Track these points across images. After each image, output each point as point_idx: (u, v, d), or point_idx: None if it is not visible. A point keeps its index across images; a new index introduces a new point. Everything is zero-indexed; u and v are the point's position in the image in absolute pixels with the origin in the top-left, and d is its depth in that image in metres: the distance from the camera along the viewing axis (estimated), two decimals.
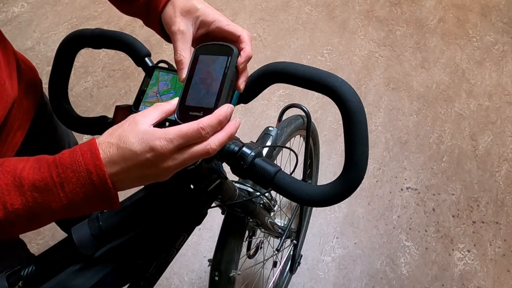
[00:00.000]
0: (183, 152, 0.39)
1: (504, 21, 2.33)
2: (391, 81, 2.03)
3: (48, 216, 0.38)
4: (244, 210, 0.79)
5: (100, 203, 0.39)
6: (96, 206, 0.39)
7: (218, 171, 0.61)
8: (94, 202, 0.38)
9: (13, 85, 0.60)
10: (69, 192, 0.37)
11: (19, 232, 0.39)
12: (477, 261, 1.52)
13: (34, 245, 1.45)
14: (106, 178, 0.37)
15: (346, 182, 0.45)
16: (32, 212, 0.37)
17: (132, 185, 0.41)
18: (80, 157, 0.37)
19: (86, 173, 0.37)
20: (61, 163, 0.37)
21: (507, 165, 1.78)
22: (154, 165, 0.39)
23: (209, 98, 0.43)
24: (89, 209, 0.40)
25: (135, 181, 0.40)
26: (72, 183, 0.37)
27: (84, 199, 0.38)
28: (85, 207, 0.39)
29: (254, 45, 2.11)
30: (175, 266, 1.44)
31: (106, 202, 0.39)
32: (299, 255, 1.29)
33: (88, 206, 0.39)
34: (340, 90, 0.44)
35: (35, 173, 0.37)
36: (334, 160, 1.75)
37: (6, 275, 0.46)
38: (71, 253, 0.49)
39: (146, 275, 0.60)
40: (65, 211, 0.38)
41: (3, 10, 2.18)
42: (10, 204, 0.36)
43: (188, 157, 0.40)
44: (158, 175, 0.40)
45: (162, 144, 0.38)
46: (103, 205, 0.40)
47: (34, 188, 0.36)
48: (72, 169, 0.37)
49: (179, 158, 0.39)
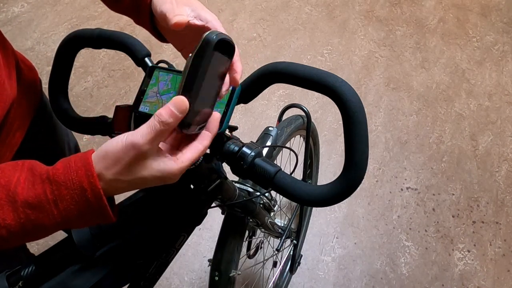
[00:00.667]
0: None
1: (504, 21, 2.33)
2: (391, 81, 2.03)
3: (41, 231, 0.37)
4: (244, 210, 0.79)
5: (95, 218, 0.38)
6: (91, 221, 0.39)
7: (218, 171, 0.61)
8: (89, 218, 0.38)
9: (12, 85, 0.59)
10: (63, 210, 0.36)
11: (10, 245, 0.38)
12: (477, 261, 1.52)
13: (34, 245, 1.45)
14: (101, 195, 0.36)
15: (346, 182, 0.45)
16: (24, 228, 0.36)
17: (127, 190, 0.40)
18: (74, 173, 0.36)
19: (80, 191, 0.36)
20: (55, 180, 0.36)
21: (507, 165, 1.78)
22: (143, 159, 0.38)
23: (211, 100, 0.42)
24: (83, 224, 0.39)
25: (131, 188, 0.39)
26: (66, 200, 0.36)
27: (78, 215, 0.37)
28: (79, 223, 0.38)
29: (254, 45, 2.11)
30: (175, 266, 1.44)
31: (101, 217, 0.38)
32: (299, 255, 1.29)
33: (82, 221, 0.38)
34: (340, 90, 0.44)
35: (29, 189, 0.36)
36: (334, 160, 1.75)
37: (6, 275, 0.46)
38: (71, 253, 0.49)
39: (146, 275, 0.60)
40: (58, 227, 0.37)
41: (3, 10, 2.18)
42: (2, 219, 0.35)
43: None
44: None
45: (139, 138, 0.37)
46: (98, 220, 0.39)
47: (27, 205, 0.35)
48: (66, 186, 0.36)
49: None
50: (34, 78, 0.71)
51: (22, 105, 0.64)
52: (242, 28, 2.19)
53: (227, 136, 0.52)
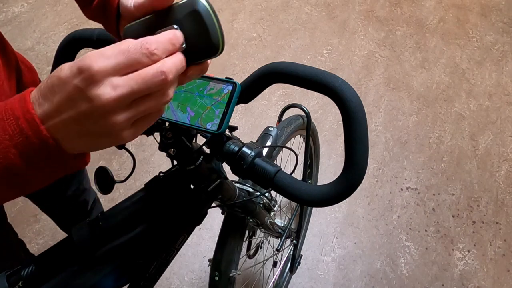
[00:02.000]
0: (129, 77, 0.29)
1: (504, 21, 2.33)
2: (391, 81, 2.03)
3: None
4: (244, 210, 0.79)
5: (45, 160, 0.30)
6: (43, 165, 0.31)
7: (218, 171, 0.61)
8: (36, 160, 0.30)
9: (12, 86, 0.59)
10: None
11: None
12: (477, 261, 1.52)
13: (34, 245, 1.45)
14: (37, 122, 0.29)
15: (346, 182, 0.45)
16: None
17: (76, 139, 0.30)
18: (8, 104, 0.30)
19: (13, 120, 0.29)
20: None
21: (507, 165, 1.78)
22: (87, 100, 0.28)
23: None
24: (35, 173, 0.31)
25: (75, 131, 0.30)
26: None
27: (21, 156, 0.29)
28: (30, 170, 0.30)
29: (254, 45, 2.11)
30: (175, 266, 1.44)
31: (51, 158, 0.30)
32: (299, 255, 1.29)
33: (32, 168, 0.30)
34: (340, 90, 0.44)
35: None
36: (334, 160, 1.75)
37: (6, 275, 0.46)
38: (71, 253, 0.49)
39: (146, 275, 0.60)
40: (3, 178, 0.30)
41: (3, 10, 2.18)
42: None
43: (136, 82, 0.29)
44: (104, 128, 0.30)
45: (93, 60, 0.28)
46: (51, 164, 0.31)
47: None
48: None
49: (123, 84, 0.28)
50: (34, 79, 0.71)
51: None
52: (242, 28, 2.19)
53: (227, 136, 0.52)
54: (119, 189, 1.49)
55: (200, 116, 0.47)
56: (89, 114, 0.29)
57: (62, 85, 0.28)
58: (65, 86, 0.28)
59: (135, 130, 0.32)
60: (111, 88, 0.28)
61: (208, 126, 0.46)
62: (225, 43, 0.36)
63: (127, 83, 0.28)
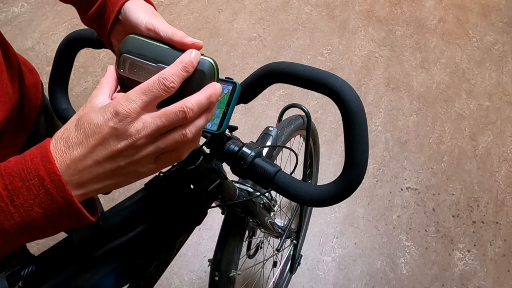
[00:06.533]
0: (155, 114, 0.33)
1: (504, 21, 2.33)
2: (391, 81, 2.03)
3: (4, 238, 0.31)
4: (244, 210, 0.79)
5: (65, 217, 0.32)
6: (61, 221, 0.32)
7: (218, 171, 0.61)
8: (57, 217, 0.31)
9: (14, 88, 0.59)
10: (20, 206, 0.30)
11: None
12: (477, 261, 1.52)
13: (34, 245, 1.45)
14: (63, 183, 0.30)
15: (346, 182, 0.45)
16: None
17: (101, 181, 0.33)
18: (29, 162, 0.31)
19: (37, 181, 0.30)
20: (7, 172, 0.31)
21: (507, 165, 1.78)
22: (125, 137, 0.32)
23: None
24: (53, 228, 0.33)
25: (103, 173, 0.33)
26: (23, 194, 0.30)
27: (43, 215, 0.31)
28: (48, 226, 0.32)
29: (254, 45, 2.11)
30: (175, 266, 1.44)
31: (71, 215, 0.32)
32: (299, 255, 1.29)
33: (51, 224, 0.32)
34: (340, 90, 0.44)
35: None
36: (334, 160, 1.75)
37: (6, 275, 0.46)
38: (71, 253, 0.49)
39: (146, 275, 0.60)
40: (23, 233, 0.31)
41: (3, 10, 2.18)
42: None
43: (161, 120, 0.32)
44: (131, 164, 0.33)
45: (124, 105, 0.31)
46: (70, 220, 0.32)
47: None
48: (20, 177, 0.30)
49: (151, 121, 0.32)
50: (35, 80, 0.71)
51: (24, 108, 0.64)
52: (242, 28, 2.19)
53: (227, 136, 0.52)
54: (119, 189, 1.49)
55: None
56: (124, 150, 0.32)
57: (97, 128, 0.31)
58: (100, 128, 0.31)
59: (157, 165, 0.35)
60: (143, 124, 0.32)
61: (208, 126, 0.46)
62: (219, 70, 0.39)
63: (154, 119, 0.32)
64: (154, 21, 0.40)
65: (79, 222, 0.33)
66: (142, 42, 0.39)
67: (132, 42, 0.39)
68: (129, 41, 0.39)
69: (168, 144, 0.34)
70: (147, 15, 0.41)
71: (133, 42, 0.39)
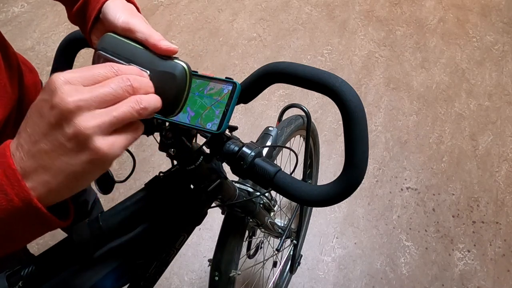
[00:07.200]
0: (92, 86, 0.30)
1: (504, 21, 2.33)
2: (391, 81, 2.03)
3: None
4: (244, 210, 0.79)
5: (27, 219, 0.29)
6: (23, 224, 0.29)
7: (218, 171, 0.61)
8: (17, 219, 0.28)
9: (14, 87, 0.59)
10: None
11: None
12: (477, 261, 1.52)
13: (34, 245, 1.45)
14: (18, 178, 0.28)
15: (346, 182, 0.45)
16: None
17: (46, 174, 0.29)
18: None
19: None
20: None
21: (507, 165, 1.78)
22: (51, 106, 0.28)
23: None
24: (17, 233, 0.30)
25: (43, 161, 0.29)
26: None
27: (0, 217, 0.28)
28: (9, 233, 0.29)
29: (254, 45, 2.11)
30: (175, 266, 1.44)
31: (33, 217, 0.29)
32: (299, 255, 1.29)
33: (12, 227, 0.29)
34: (340, 90, 0.44)
35: None
36: (334, 160, 1.75)
37: (6, 275, 0.46)
38: (71, 253, 0.49)
39: (146, 275, 0.60)
40: None
41: (3, 10, 2.18)
42: None
43: (97, 89, 0.30)
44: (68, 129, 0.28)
45: (57, 78, 0.29)
46: (32, 222, 0.29)
47: None
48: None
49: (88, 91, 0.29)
50: (35, 79, 0.71)
51: (23, 107, 0.64)
52: (242, 28, 2.19)
53: (227, 136, 0.52)
54: (119, 189, 1.49)
55: (200, 116, 0.47)
56: (57, 118, 0.28)
57: (33, 106, 0.30)
58: (36, 105, 0.30)
59: (112, 140, 0.30)
60: (75, 92, 0.29)
61: (208, 126, 0.46)
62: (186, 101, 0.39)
63: (90, 90, 0.30)
64: (132, 21, 0.40)
65: (45, 227, 0.30)
66: (118, 41, 0.40)
67: (108, 40, 0.40)
68: (105, 39, 0.40)
69: (117, 115, 0.30)
70: (124, 15, 0.41)
71: (109, 40, 0.40)
